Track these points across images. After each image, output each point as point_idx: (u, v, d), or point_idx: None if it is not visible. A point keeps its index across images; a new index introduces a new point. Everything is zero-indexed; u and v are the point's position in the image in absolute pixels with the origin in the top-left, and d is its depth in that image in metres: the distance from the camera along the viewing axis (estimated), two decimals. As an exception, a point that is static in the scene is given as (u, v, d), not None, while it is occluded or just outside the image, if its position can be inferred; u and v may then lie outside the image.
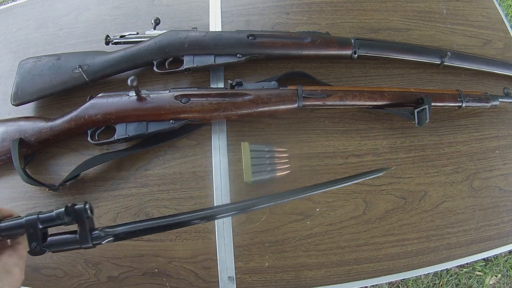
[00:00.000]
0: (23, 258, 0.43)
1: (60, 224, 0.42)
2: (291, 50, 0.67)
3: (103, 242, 0.42)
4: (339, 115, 0.68)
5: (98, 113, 0.60)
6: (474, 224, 0.64)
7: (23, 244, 0.43)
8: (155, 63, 0.65)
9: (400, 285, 1.27)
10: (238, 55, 0.66)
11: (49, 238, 0.42)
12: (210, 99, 0.61)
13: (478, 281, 1.29)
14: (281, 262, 0.59)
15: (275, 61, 0.72)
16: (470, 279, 1.29)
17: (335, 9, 0.79)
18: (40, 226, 0.42)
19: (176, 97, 0.60)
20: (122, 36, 0.69)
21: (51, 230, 0.43)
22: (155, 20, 0.70)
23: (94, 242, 0.42)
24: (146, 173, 0.63)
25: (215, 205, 0.61)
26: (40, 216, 0.42)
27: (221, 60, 0.66)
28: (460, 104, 0.66)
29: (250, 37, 0.66)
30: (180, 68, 0.65)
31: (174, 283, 0.57)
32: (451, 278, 1.28)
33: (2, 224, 0.42)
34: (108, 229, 0.42)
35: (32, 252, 0.42)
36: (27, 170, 0.62)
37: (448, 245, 0.62)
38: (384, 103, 0.64)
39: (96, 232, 0.42)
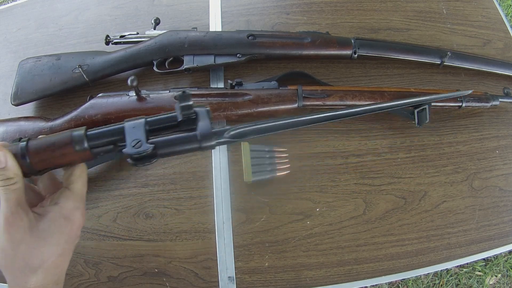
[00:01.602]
0: (83, 199, 0.37)
1: (171, 128, 0.35)
2: (291, 50, 0.67)
3: (224, 140, 0.34)
4: (339, 115, 0.68)
5: (98, 113, 0.60)
6: (474, 224, 0.64)
7: (81, 182, 0.37)
8: (155, 63, 0.65)
9: (400, 285, 1.27)
10: (238, 55, 0.66)
11: (158, 139, 0.33)
12: (210, 99, 0.61)
13: (478, 281, 1.29)
14: (281, 262, 0.59)
15: (275, 61, 0.72)
16: (470, 279, 1.29)
17: (335, 9, 0.79)
18: (147, 128, 0.33)
19: (176, 97, 0.60)
20: (122, 36, 0.69)
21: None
22: (155, 20, 0.70)
23: (218, 140, 0.34)
24: (146, 173, 0.63)
25: (215, 205, 0.61)
26: (148, 119, 0.34)
27: (221, 60, 0.66)
28: (460, 104, 0.67)
29: (250, 37, 0.66)
30: (180, 68, 0.65)
31: (174, 283, 0.57)
32: (451, 278, 1.28)
33: (93, 132, 0.34)
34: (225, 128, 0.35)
35: (137, 160, 0.32)
36: (27, 170, 0.62)
37: (448, 245, 0.62)
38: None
39: (217, 129, 0.34)
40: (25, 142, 0.34)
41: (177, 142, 0.34)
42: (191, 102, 0.34)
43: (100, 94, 0.62)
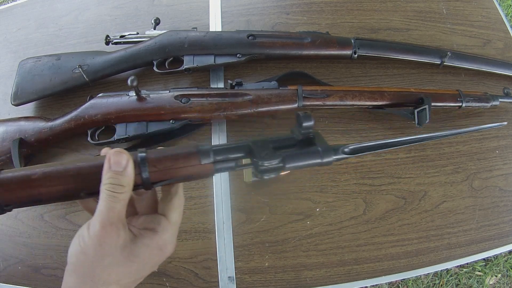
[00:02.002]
0: (176, 232, 0.36)
1: (291, 146, 0.36)
2: (291, 50, 0.67)
3: (342, 156, 0.36)
4: (339, 115, 0.68)
5: (98, 113, 0.60)
6: (474, 224, 0.64)
7: (178, 213, 0.36)
8: (155, 63, 0.65)
9: (400, 285, 1.27)
10: (238, 55, 0.66)
11: (286, 153, 0.35)
12: (210, 99, 0.61)
13: (478, 281, 1.29)
14: (281, 262, 0.59)
15: (275, 61, 0.72)
16: (470, 279, 1.29)
17: (335, 9, 0.79)
18: (271, 146, 0.35)
19: (176, 97, 0.60)
20: (122, 36, 0.69)
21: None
22: (155, 20, 0.70)
23: (335, 156, 0.36)
24: (146, 173, 0.63)
25: (215, 205, 0.61)
26: (272, 138, 0.35)
27: (221, 60, 0.66)
28: (460, 104, 0.66)
29: (250, 37, 0.66)
30: (180, 68, 0.65)
31: (174, 283, 0.57)
32: (451, 278, 1.28)
33: (219, 148, 0.34)
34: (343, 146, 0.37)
35: (263, 172, 0.34)
36: (27, 170, 0.62)
37: (448, 245, 0.62)
38: (384, 103, 0.64)
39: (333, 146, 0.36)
40: (144, 151, 0.33)
41: (303, 157, 0.35)
42: (312, 122, 0.36)
43: (100, 94, 0.62)
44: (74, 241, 0.32)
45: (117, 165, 0.31)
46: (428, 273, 1.26)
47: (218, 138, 0.65)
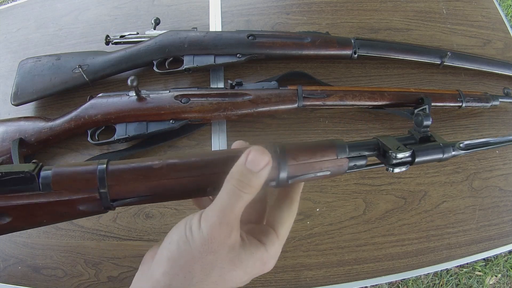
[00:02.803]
0: (281, 246, 0.33)
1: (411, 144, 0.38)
2: (291, 50, 0.67)
3: (459, 152, 0.38)
4: (339, 115, 0.68)
5: (98, 113, 0.60)
6: (474, 224, 0.64)
7: (287, 227, 0.33)
8: (155, 63, 0.65)
9: (400, 285, 1.27)
10: (238, 55, 0.66)
11: (416, 146, 0.36)
12: (210, 99, 0.61)
13: (478, 281, 1.29)
14: (281, 262, 0.59)
15: (275, 61, 0.72)
16: (470, 279, 1.29)
17: (335, 9, 0.79)
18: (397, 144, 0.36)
19: (176, 97, 0.60)
20: (122, 36, 0.69)
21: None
22: (155, 20, 0.70)
23: (453, 152, 0.37)
24: (146, 173, 0.63)
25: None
26: (394, 136, 0.37)
27: (221, 60, 0.66)
28: (460, 104, 0.66)
29: (250, 37, 0.66)
30: (180, 68, 0.65)
31: (174, 283, 0.57)
32: (451, 278, 1.28)
33: (352, 143, 0.34)
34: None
35: (395, 165, 0.35)
36: (27, 170, 0.62)
37: (448, 245, 0.62)
38: (384, 103, 0.64)
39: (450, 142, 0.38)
40: (278, 145, 0.32)
41: (428, 151, 0.37)
42: (431, 121, 0.38)
43: (100, 94, 0.62)
44: (179, 229, 0.29)
45: (255, 165, 0.28)
46: (428, 273, 1.26)
47: (218, 138, 0.65)
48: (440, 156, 0.37)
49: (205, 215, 0.28)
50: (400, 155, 0.35)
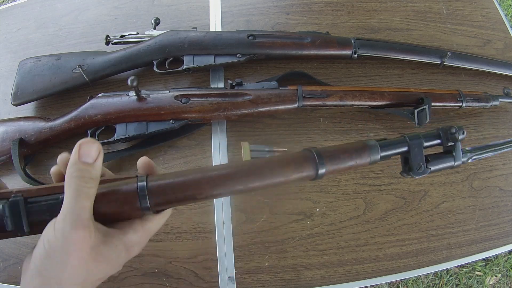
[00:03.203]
0: (148, 237, 0.35)
1: (438, 145, 0.40)
2: (291, 50, 0.67)
3: (459, 136, 0.39)
4: (339, 115, 0.68)
5: (98, 113, 0.60)
6: (474, 224, 0.64)
7: (157, 224, 0.35)
8: (155, 63, 0.65)
9: (400, 285, 1.27)
10: (238, 55, 0.66)
11: (430, 156, 0.40)
12: (210, 99, 0.61)
13: (478, 281, 1.29)
14: (281, 262, 0.59)
15: (275, 61, 0.72)
16: (470, 279, 1.29)
17: (335, 9, 0.79)
18: (425, 145, 0.39)
19: (176, 97, 0.60)
20: (122, 36, 0.69)
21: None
22: (155, 20, 0.70)
23: (463, 160, 0.40)
24: (146, 173, 0.63)
25: (215, 205, 0.61)
26: (423, 135, 0.39)
27: (221, 60, 0.66)
28: (460, 104, 0.66)
29: (250, 37, 0.66)
30: (180, 68, 0.65)
31: (174, 283, 0.57)
32: (451, 278, 1.28)
33: (383, 142, 0.38)
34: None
35: (416, 173, 0.39)
36: (27, 170, 0.62)
37: (448, 245, 0.62)
38: (384, 103, 0.64)
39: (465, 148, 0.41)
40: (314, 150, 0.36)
41: (442, 159, 0.40)
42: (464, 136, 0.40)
43: (100, 94, 0.62)
44: (39, 244, 0.29)
45: (89, 156, 0.29)
46: (428, 273, 1.26)
47: (218, 138, 0.65)
48: (451, 164, 0.40)
49: (59, 224, 0.28)
50: (420, 171, 0.39)
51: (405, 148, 0.39)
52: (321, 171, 0.35)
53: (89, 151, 0.29)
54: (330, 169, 0.36)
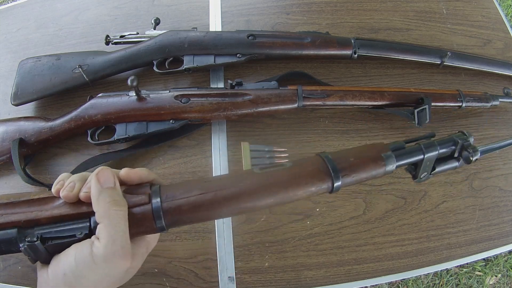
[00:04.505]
0: (148, 252, 0.38)
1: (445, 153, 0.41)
2: (291, 50, 0.67)
3: (473, 159, 0.40)
4: (339, 115, 0.68)
5: (98, 113, 0.60)
6: (474, 224, 0.64)
7: (154, 239, 0.38)
8: (155, 63, 0.65)
9: (400, 285, 1.27)
10: (238, 55, 0.66)
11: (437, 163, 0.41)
12: (210, 99, 0.61)
13: (478, 281, 1.29)
14: (281, 262, 0.59)
15: (275, 61, 0.72)
16: (470, 279, 1.29)
17: (335, 9, 0.79)
18: (439, 151, 0.40)
19: (176, 97, 0.60)
20: (122, 36, 0.69)
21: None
22: (155, 20, 0.70)
23: (473, 158, 0.40)
24: (146, 173, 0.63)
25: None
26: (439, 143, 0.40)
27: (221, 60, 0.66)
28: (460, 104, 0.66)
29: (250, 37, 0.66)
30: (180, 68, 0.65)
31: (174, 283, 0.57)
32: (451, 278, 1.28)
33: (397, 149, 0.39)
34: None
35: (419, 180, 0.41)
36: (27, 170, 0.62)
37: (448, 245, 0.62)
38: (384, 103, 0.64)
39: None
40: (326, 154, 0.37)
41: (446, 162, 0.41)
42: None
43: (100, 94, 0.62)
44: (66, 259, 0.30)
45: (110, 182, 0.30)
46: (428, 273, 1.26)
47: (218, 138, 0.65)
48: (455, 164, 0.42)
49: (97, 250, 0.29)
50: (424, 178, 0.41)
51: (420, 157, 0.40)
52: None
53: (107, 177, 0.30)
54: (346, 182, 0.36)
